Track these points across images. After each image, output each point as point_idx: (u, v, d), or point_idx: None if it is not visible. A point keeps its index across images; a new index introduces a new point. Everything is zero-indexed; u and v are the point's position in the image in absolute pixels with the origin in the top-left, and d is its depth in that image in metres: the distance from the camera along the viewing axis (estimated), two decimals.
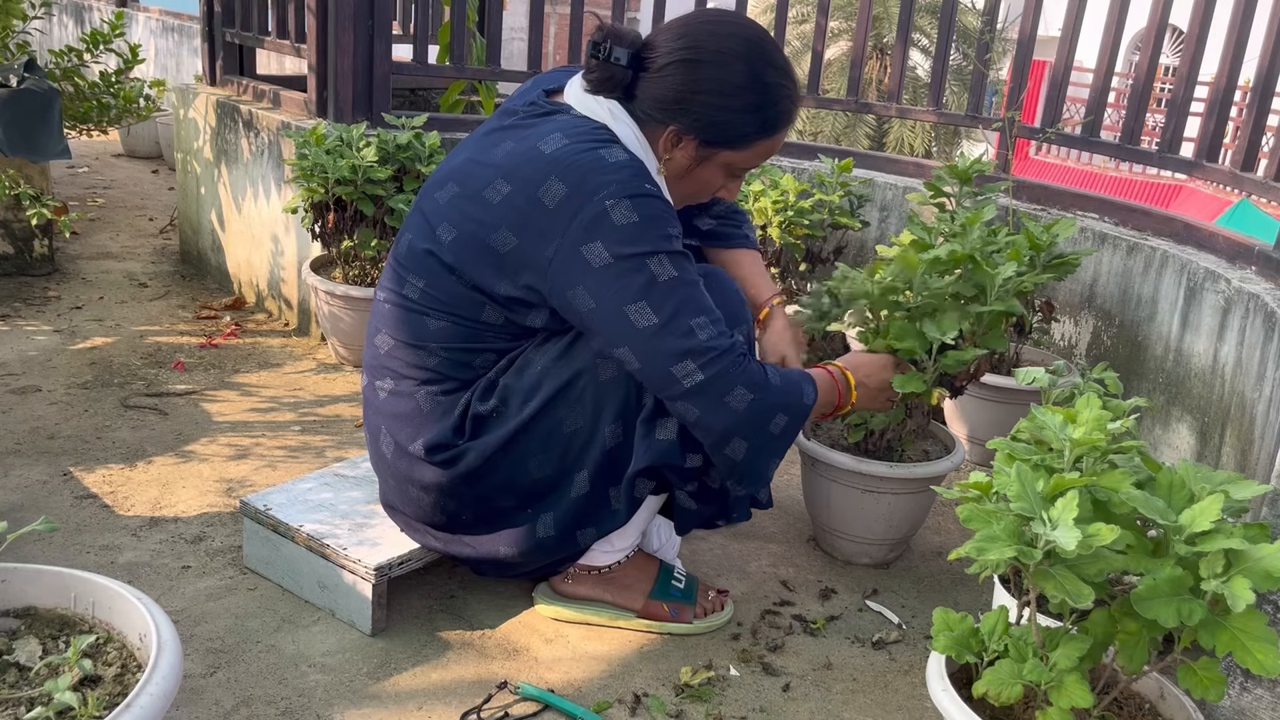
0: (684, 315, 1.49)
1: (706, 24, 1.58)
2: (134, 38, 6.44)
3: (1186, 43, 2.80)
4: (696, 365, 1.49)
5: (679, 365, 1.49)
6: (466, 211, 1.56)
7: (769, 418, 1.56)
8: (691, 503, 1.71)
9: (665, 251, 1.49)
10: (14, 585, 1.34)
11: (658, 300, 1.48)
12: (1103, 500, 1.26)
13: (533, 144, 1.53)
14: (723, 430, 1.54)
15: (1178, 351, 2.44)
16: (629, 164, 1.50)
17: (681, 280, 1.50)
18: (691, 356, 1.49)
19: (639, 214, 1.47)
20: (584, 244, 1.47)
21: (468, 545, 1.70)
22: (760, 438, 1.57)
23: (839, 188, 2.94)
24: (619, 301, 1.48)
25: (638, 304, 1.48)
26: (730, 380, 1.51)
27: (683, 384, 1.50)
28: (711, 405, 1.51)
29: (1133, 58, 14.21)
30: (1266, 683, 1.45)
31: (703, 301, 1.52)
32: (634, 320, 1.48)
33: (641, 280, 1.47)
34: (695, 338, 1.49)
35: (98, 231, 4.05)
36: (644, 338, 1.49)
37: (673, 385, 1.51)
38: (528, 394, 1.59)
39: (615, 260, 1.47)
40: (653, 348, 1.49)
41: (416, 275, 1.62)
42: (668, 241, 1.50)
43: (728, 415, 1.52)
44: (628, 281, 1.48)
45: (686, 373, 1.49)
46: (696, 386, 1.50)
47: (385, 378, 1.67)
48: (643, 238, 1.47)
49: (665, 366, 1.50)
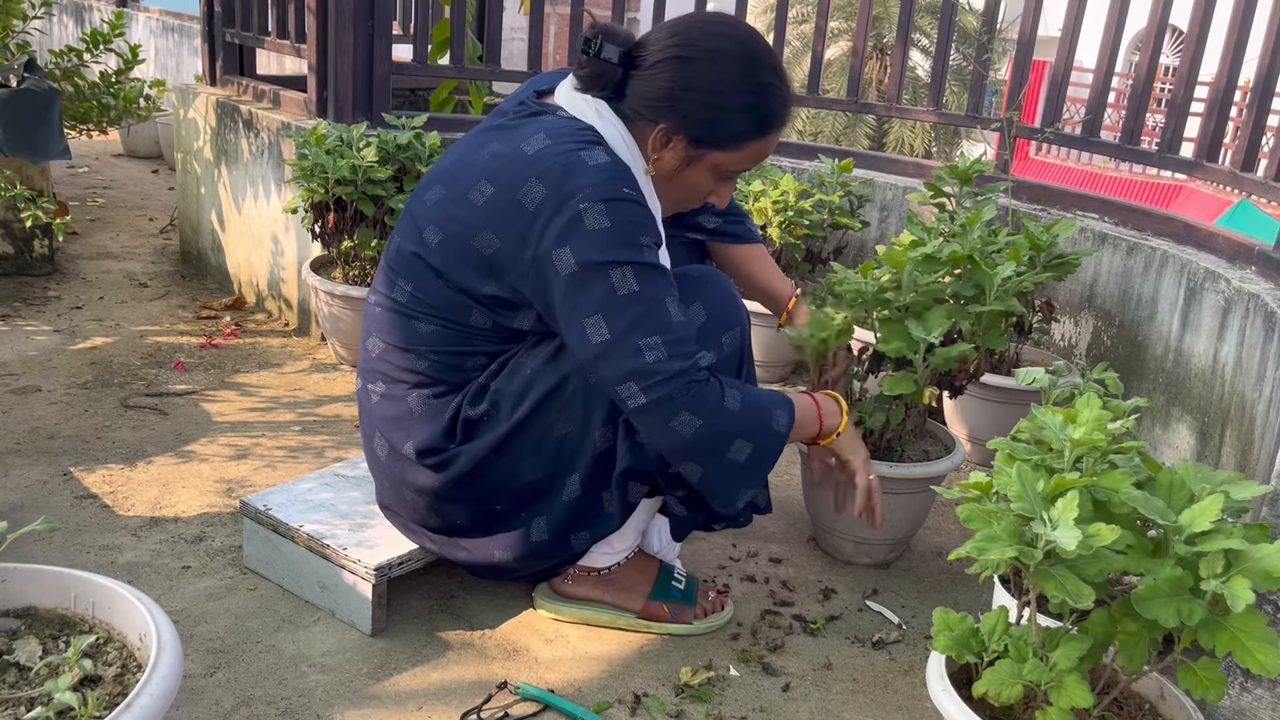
0: (635, 333, 1.46)
1: (699, 23, 1.58)
2: (134, 38, 6.44)
3: (1186, 43, 2.80)
4: (640, 388, 1.47)
5: (623, 386, 1.48)
6: (451, 213, 1.56)
7: (724, 444, 1.53)
8: (681, 509, 1.70)
9: (631, 263, 1.46)
10: (14, 585, 1.34)
11: (613, 314, 1.46)
12: (1103, 500, 1.26)
13: (516, 145, 1.53)
14: (670, 452, 1.53)
15: (1178, 351, 2.44)
16: (609, 166, 1.49)
17: (640, 296, 1.47)
18: (635, 378, 1.47)
19: (611, 219, 1.45)
20: (556, 248, 1.47)
21: (464, 549, 1.70)
22: (715, 463, 1.54)
23: (839, 188, 2.94)
24: (579, 313, 1.48)
25: (593, 317, 1.47)
26: (675, 405, 1.47)
27: (627, 404, 1.49)
28: (656, 428, 1.50)
29: (1133, 58, 14.20)
30: (1266, 683, 1.45)
31: (661, 318, 1.48)
32: (589, 334, 1.48)
33: (601, 292, 1.46)
34: (642, 358, 1.46)
35: (98, 231, 4.05)
36: (595, 353, 1.48)
37: (620, 403, 1.51)
38: (518, 398, 1.59)
39: (580, 268, 1.46)
40: (601, 365, 1.49)
41: (405, 278, 1.61)
42: (636, 251, 1.47)
43: (673, 438, 1.50)
44: (588, 292, 1.46)
45: (630, 394, 1.48)
46: (640, 409, 1.48)
47: (377, 381, 1.67)
48: (611, 246, 1.46)
49: (611, 385, 1.49)
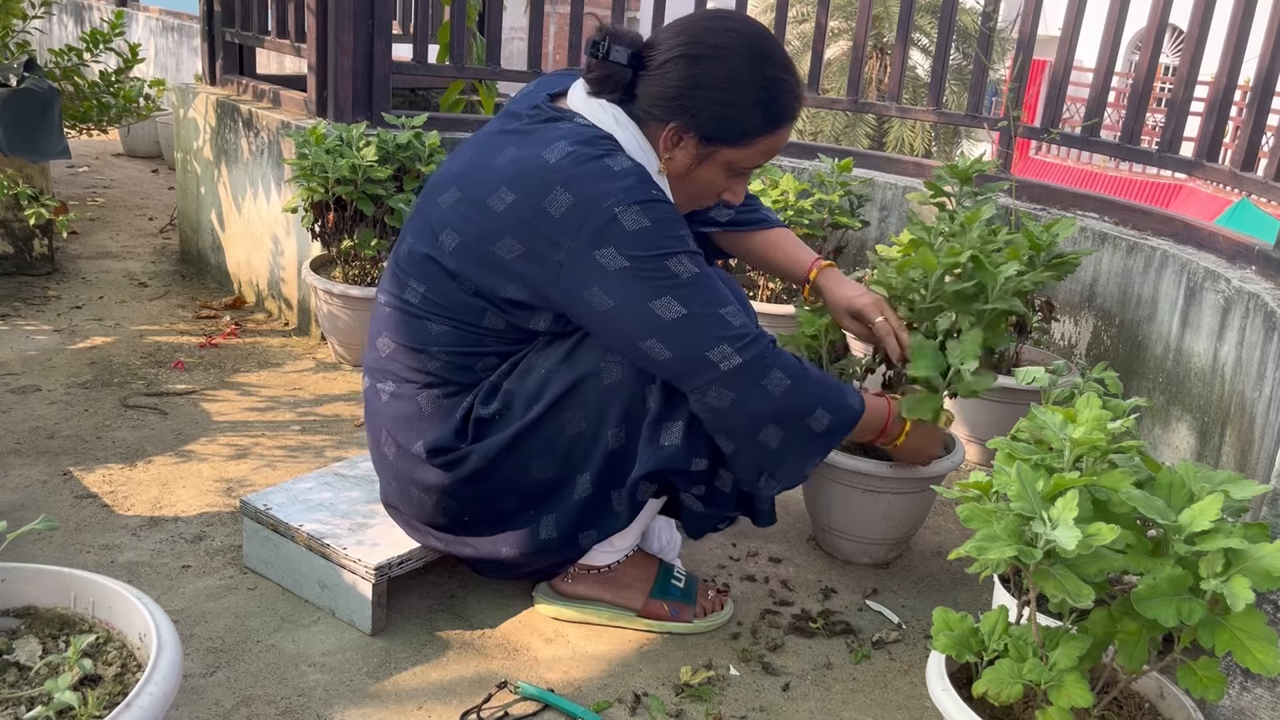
0: (714, 305, 1.50)
1: (705, 20, 1.59)
2: (134, 37, 6.44)
3: (1186, 43, 2.80)
4: (733, 349, 1.50)
5: (715, 349, 1.50)
6: (470, 218, 1.56)
7: (809, 409, 1.56)
8: (699, 505, 1.70)
9: (683, 251, 1.50)
10: (14, 585, 1.34)
11: (683, 295, 1.49)
12: (1103, 500, 1.26)
13: (537, 152, 1.53)
14: (759, 414, 1.54)
15: (1178, 351, 2.44)
16: (634, 171, 1.51)
17: (701, 277, 1.51)
18: (727, 341, 1.50)
19: (650, 218, 1.48)
20: (596, 249, 1.47)
21: (469, 546, 1.70)
22: (797, 429, 1.57)
23: (839, 187, 2.94)
24: (642, 298, 1.49)
25: (663, 299, 1.49)
26: (767, 363, 1.52)
27: (720, 367, 1.50)
28: (748, 388, 1.52)
29: (1133, 58, 14.20)
30: (1266, 682, 1.45)
31: (725, 294, 1.53)
32: (660, 313, 1.49)
33: (663, 278, 1.48)
34: (729, 323, 1.50)
35: (98, 231, 4.05)
36: (674, 327, 1.49)
37: (707, 370, 1.51)
38: (531, 398, 1.59)
39: (632, 263, 1.47)
40: (685, 335, 1.50)
41: (417, 280, 1.61)
42: (682, 241, 1.51)
43: (764, 398, 1.52)
44: (649, 280, 1.48)
45: (723, 356, 1.50)
46: (734, 370, 1.50)
47: (387, 380, 1.67)
48: (657, 240, 1.48)
49: (701, 351, 1.50)
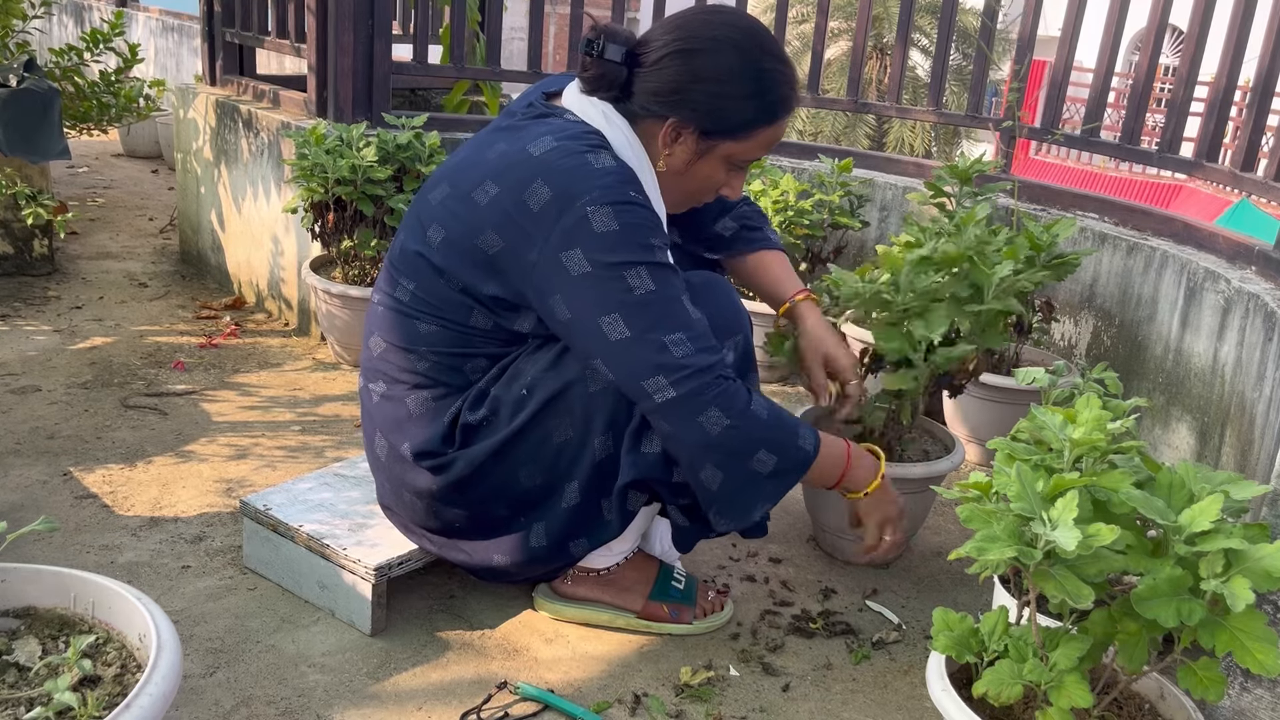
0: (659, 330, 1.46)
1: (700, 15, 1.59)
2: (134, 37, 6.44)
3: (1186, 43, 2.80)
4: (668, 381, 1.45)
5: (650, 380, 1.46)
6: (456, 212, 1.56)
7: (749, 451, 1.51)
8: (684, 519, 1.67)
9: (644, 263, 1.46)
10: (13, 585, 1.34)
11: (631, 313, 1.46)
12: (1103, 500, 1.26)
13: (522, 146, 1.53)
14: (694, 448, 1.50)
15: (1178, 351, 2.44)
16: (615, 170, 1.49)
17: (659, 295, 1.47)
18: (663, 371, 1.45)
19: (619, 222, 1.45)
20: (564, 250, 1.46)
21: (463, 551, 1.70)
22: (738, 470, 1.52)
23: (839, 188, 2.94)
24: (593, 312, 1.46)
25: (610, 316, 1.46)
26: (704, 399, 1.46)
27: (654, 398, 1.47)
28: (682, 423, 1.48)
29: (1133, 58, 14.20)
30: (1266, 683, 1.45)
31: (681, 317, 1.48)
32: (606, 332, 1.46)
33: (617, 291, 1.45)
34: (669, 353, 1.45)
35: (98, 231, 4.05)
36: (617, 349, 1.47)
37: (645, 399, 1.48)
38: (518, 404, 1.58)
39: (593, 269, 1.45)
40: (624, 360, 1.47)
41: (408, 277, 1.61)
42: (648, 252, 1.47)
43: (698, 435, 1.48)
44: (603, 292, 1.46)
45: (657, 388, 1.46)
46: (668, 402, 1.47)
47: (378, 381, 1.67)
48: (621, 247, 1.45)
49: (637, 379, 1.47)
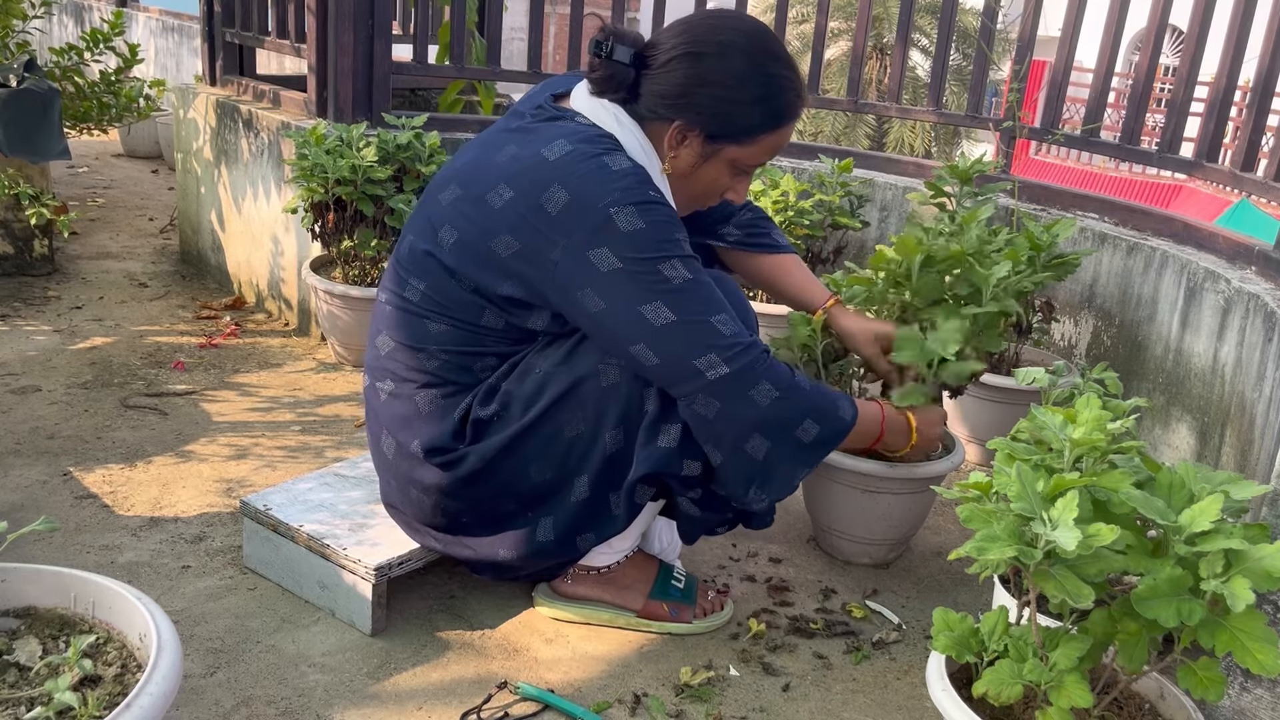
0: (704, 311, 1.50)
1: (708, 19, 1.60)
2: (134, 37, 6.44)
3: (1186, 43, 2.80)
4: (722, 357, 1.49)
5: (703, 358, 1.49)
6: (468, 214, 1.56)
7: (796, 420, 1.55)
8: (695, 509, 1.69)
9: (677, 255, 1.49)
10: (14, 585, 1.34)
11: (673, 299, 1.48)
12: (1103, 500, 1.26)
13: (536, 149, 1.53)
14: (745, 424, 1.53)
15: (1178, 351, 2.44)
16: (632, 171, 1.51)
17: (695, 280, 1.50)
18: (715, 349, 1.49)
19: (645, 220, 1.47)
20: (590, 249, 1.47)
21: (468, 547, 1.70)
22: (785, 440, 1.56)
23: (839, 188, 2.94)
24: (633, 301, 1.48)
25: (653, 304, 1.48)
26: (755, 374, 1.51)
27: (705, 376, 1.49)
28: (735, 399, 1.51)
29: (1133, 58, 14.20)
30: (1266, 683, 1.45)
31: (718, 299, 1.52)
32: (650, 319, 1.48)
33: (655, 282, 1.48)
34: (718, 332, 1.49)
35: (98, 231, 4.05)
36: (663, 333, 1.48)
37: (694, 379, 1.50)
38: (530, 399, 1.59)
39: (624, 265, 1.47)
40: (672, 342, 1.49)
41: (417, 278, 1.62)
42: (677, 245, 1.50)
43: (751, 408, 1.51)
44: (641, 283, 1.48)
45: (710, 365, 1.49)
46: (720, 379, 1.49)
47: (386, 379, 1.67)
48: (651, 243, 1.48)
49: (688, 359, 1.49)
